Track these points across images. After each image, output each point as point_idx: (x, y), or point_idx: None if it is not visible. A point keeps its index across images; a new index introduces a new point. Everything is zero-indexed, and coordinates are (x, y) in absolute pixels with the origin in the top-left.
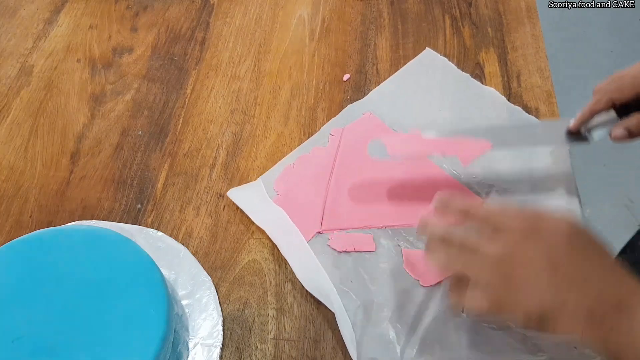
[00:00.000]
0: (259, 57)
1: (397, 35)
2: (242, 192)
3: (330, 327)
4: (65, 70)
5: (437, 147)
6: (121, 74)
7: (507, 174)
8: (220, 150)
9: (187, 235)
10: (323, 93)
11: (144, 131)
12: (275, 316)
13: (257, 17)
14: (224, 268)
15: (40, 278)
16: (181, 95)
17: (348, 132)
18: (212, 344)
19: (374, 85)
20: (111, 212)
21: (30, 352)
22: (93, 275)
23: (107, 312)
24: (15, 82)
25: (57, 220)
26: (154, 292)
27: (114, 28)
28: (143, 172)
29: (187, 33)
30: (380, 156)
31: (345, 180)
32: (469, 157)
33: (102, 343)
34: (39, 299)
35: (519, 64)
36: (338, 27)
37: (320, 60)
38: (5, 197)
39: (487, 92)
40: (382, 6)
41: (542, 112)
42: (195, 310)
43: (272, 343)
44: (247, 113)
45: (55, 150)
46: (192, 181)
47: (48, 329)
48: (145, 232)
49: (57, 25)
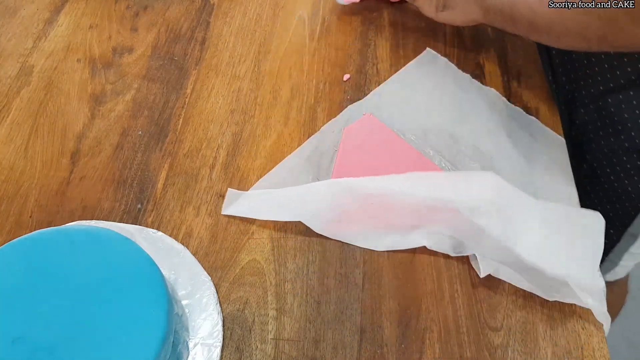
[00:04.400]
0: (259, 57)
1: (397, 35)
2: (236, 206)
3: (330, 327)
4: (66, 70)
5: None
6: (121, 74)
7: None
8: (220, 150)
9: (187, 235)
10: (323, 93)
11: (144, 131)
12: (275, 316)
13: (257, 17)
14: (224, 268)
15: (40, 278)
16: (181, 95)
17: (347, 132)
18: (212, 344)
19: (374, 85)
20: (111, 212)
21: (30, 352)
22: (93, 275)
23: (107, 312)
24: (15, 82)
25: (57, 220)
26: (154, 292)
27: (114, 28)
28: (143, 172)
29: (187, 33)
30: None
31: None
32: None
33: (102, 343)
34: (39, 299)
35: (519, 64)
36: (338, 27)
37: (320, 60)
38: (5, 197)
39: (488, 92)
40: (382, 6)
41: (542, 112)
42: (195, 310)
43: (272, 343)
44: (247, 113)
45: (55, 150)
46: (192, 181)
47: (48, 329)
48: (145, 232)
49: (57, 25)
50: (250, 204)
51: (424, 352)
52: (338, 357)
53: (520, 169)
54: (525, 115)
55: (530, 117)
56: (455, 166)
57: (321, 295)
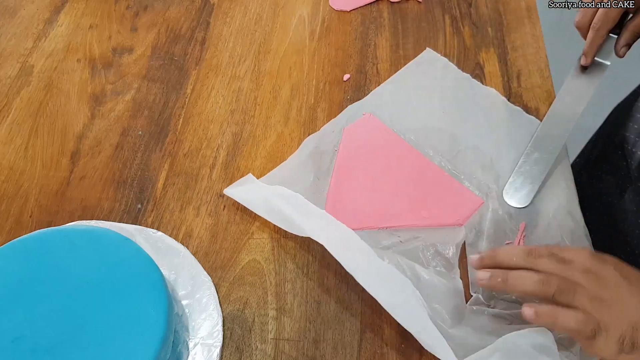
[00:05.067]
0: (259, 57)
1: (397, 35)
2: (240, 188)
3: (330, 327)
4: (66, 70)
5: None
6: (121, 74)
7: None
8: (220, 150)
9: (187, 235)
10: (323, 93)
11: (144, 131)
12: (275, 316)
13: (257, 17)
14: (224, 268)
15: (40, 278)
16: (181, 95)
17: (348, 132)
18: (212, 344)
19: (374, 85)
20: (111, 212)
21: (30, 352)
22: (93, 275)
23: (107, 312)
24: (15, 82)
25: (57, 220)
26: (154, 292)
27: (114, 28)
28: (143, 172)
29: (187, 33)
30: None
31: (344, 182)
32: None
33: (102, 343)
34: (39, 299)
35: (519, 64)
36: (338, 27)
37: (320, 60)
38: (5, 197)
39: (488, 92)
40: (382, 6)
41: (542, 112)
42: (195, 310)
43: (272, 343)
44: (247, 113)
45: (55, 150)
46: (192, 181)
47: (48, 329)
48: (145, 232)
49: (57, 25)
50: (252, 194)
51: (424, 352)
52: (338, 357)
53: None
54: (525, 115)
55: (530, 117)
56: (455, 166)
57: (321, 295)
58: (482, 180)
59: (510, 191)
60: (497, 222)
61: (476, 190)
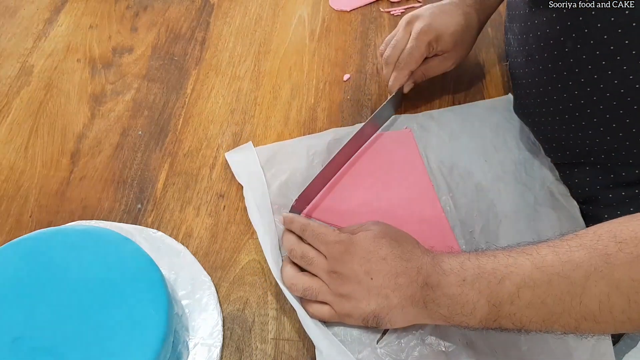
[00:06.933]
0: (259, 57)
1: None
2: (239, 158)
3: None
4: (65, 70)
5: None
6: (121, 74)
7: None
8: (220, 150)
9: (187, 235)
10: (323, 93)
11: (144, 131)
12: (275, 316)
13: (257, 17)
14: (224, 268)
15: (40, 278)
16: (181, 95)
17: (380, 137)
18: (212, 344)
19: (374, 85)
20: (111, 212)
21: (30, 352)
22: (93, 275)
23: (107, 312)
24: (15, 82)
25: (57, 220)
26: (154, 292)
27: (114, 28)
28: (143, 172)
29: (187, 33)
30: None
31: (349, 182)
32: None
33: (102, 343)
34: (39, 299)
35: None
36: (338, 27)
37: (320, 60)
38: (5, 197)
39: None
40: (382, 6)
41: None
42: (195, 310)
43: (272, 343)
44: (247, 113)
45: (55, 150)
46: (192, 181)
47: (48, 329)
48: (145, 232)
49: (57, 25)
50: (242, 168)
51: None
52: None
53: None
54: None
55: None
56: (460, 213)
57: None
58: (477, 240)
59: None
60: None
61: (461, 240)
